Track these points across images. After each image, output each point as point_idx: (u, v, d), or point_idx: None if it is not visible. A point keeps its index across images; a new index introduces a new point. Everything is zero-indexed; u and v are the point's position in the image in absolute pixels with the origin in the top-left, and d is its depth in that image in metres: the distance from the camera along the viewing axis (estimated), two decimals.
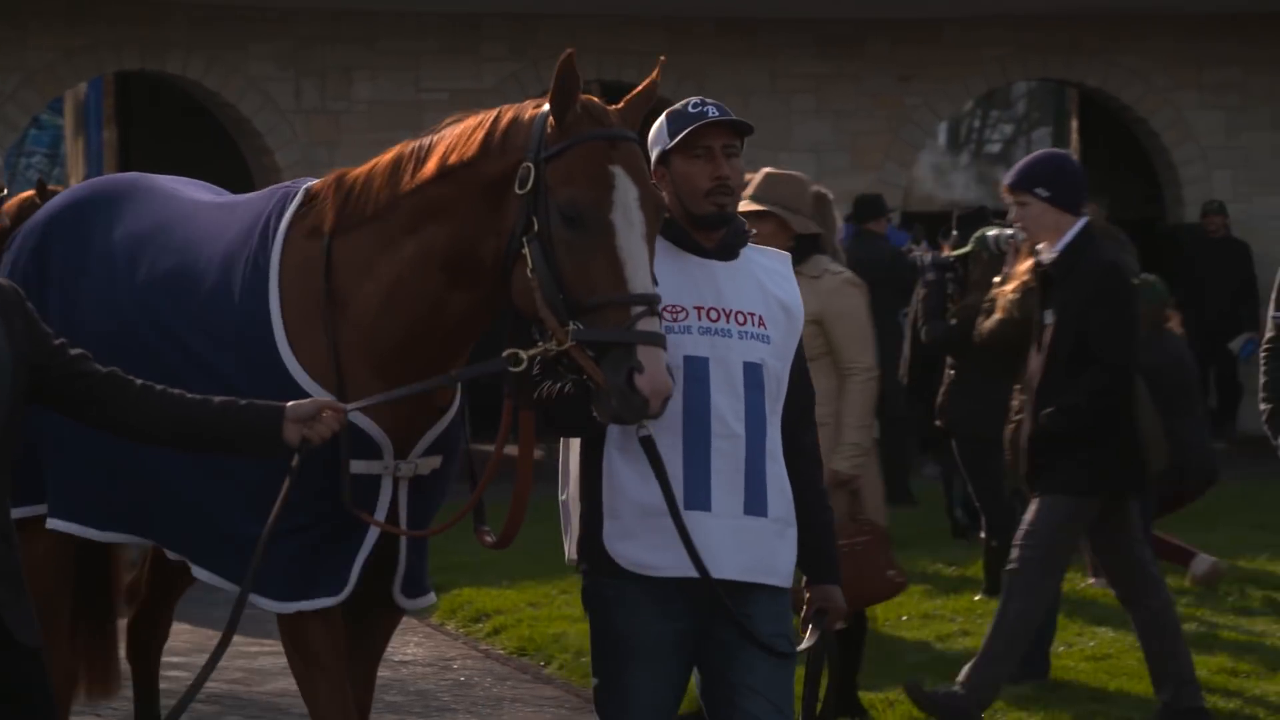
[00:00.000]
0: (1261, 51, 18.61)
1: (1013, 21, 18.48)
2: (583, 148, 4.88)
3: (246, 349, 5.25)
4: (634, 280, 4.79)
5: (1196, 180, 18.68)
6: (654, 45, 17.94)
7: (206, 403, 4.66)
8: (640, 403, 4.72)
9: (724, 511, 5.02)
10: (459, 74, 17.98)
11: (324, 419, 4.71)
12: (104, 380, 4.62)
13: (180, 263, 5.50)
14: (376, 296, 5.19)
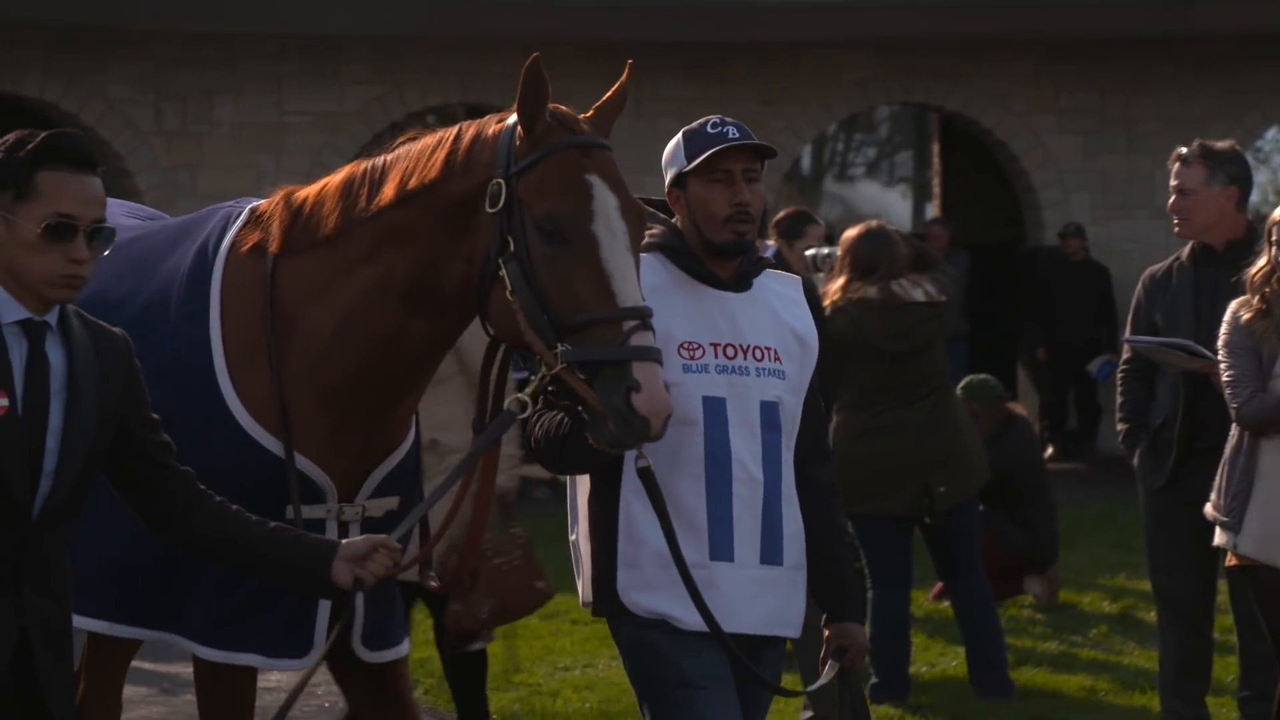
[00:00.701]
0: (1117, 76, 18.86)
1: (874, 46, 18.62)
2: (556, 158, 4.58)
3: (183, 377, 4.85)
4: (622, 293, 4.48)
5: (1055, 203, 18.89)
6: (517, 67, 17.88)
7: (260, 526, 4.36)
8: (640, 424, 4.38)
9: (745, 561, 4.78)
10: (321, 97, 17.89)
11: (376, 558, 4.35)
12: (178, 478, 4.32)
13: (109, 289, 5.07)
14: (328, 325, 4.82)
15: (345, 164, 17.28)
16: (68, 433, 4.08)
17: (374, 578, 4.36)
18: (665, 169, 4.90)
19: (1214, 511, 7.06)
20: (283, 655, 4.93)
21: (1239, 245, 7.59)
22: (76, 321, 4.19)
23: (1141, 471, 8.03)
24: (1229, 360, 6.99)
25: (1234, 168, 7.91)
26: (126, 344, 4.28)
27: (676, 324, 4.74)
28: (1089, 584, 11.87)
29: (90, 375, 4.13)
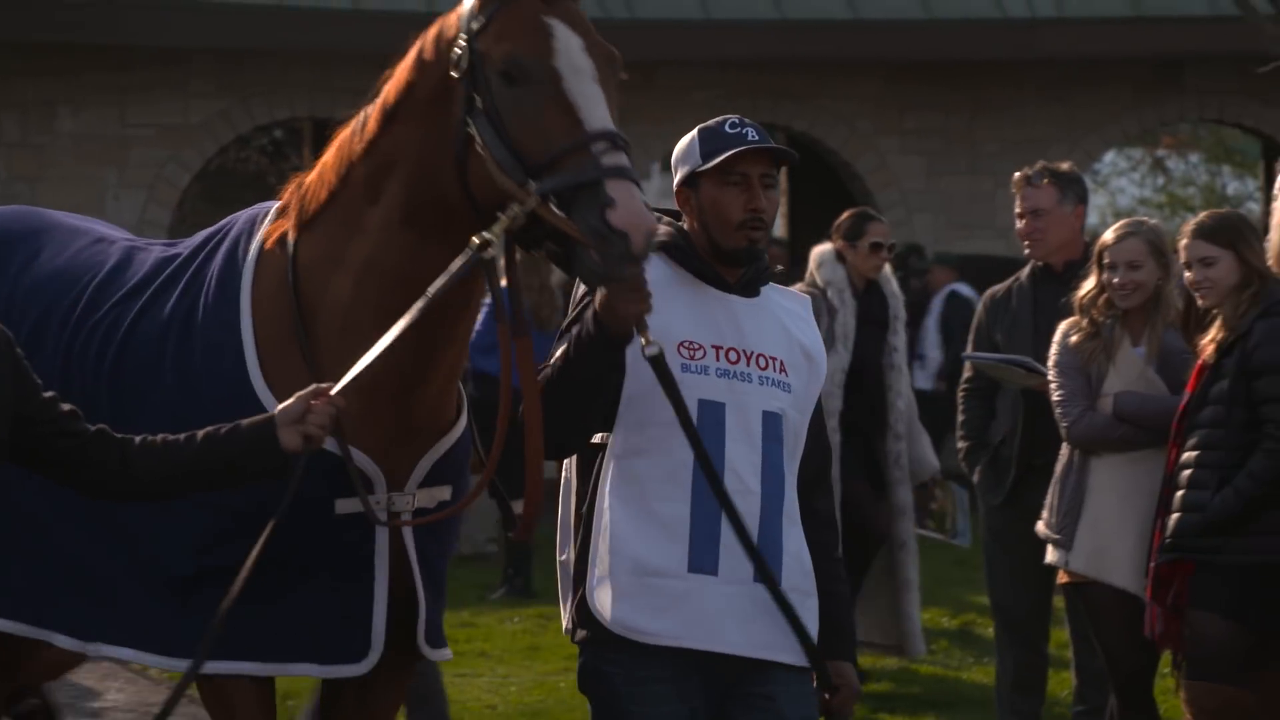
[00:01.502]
0: (960, 98, 19.06)
1: (722, 65, 18.71)
2: (513, 6, 4.40)
3: (216, 386, 4.64)
4: (590, 120, 4.27)
5: (899, 224, 19.05)
6: (365, 82, 17.78)
7: (190, 441, 4.22)
8: (619, 241, 4.14)
9: (732, 577, 4.47)
10: (166, 109, 17.70)
11: (315, 409, 4.18)
12: (94, 440, 4.21)
13: (124, 307, 4.86)
14: (346, 287, 4.59)
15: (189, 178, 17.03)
16: None
17: (322, 429, 4.20)
18: (676, 167, 4.68)
19: (1046, 529, 7.15)
20: (338, 661, 4.66)
21: (1076, 265, 7.70)
22: None
23: (981, 489, 8.12)
24: (1059, 380, 7.08)
25: (1080, 188, 8.05)
26: (5, 338, 4.18)
27: (676, 322, 4.51)
28: (929, 599, 11.97)
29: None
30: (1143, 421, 6.91)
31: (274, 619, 4.61)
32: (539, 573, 12.75)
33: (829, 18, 18.24)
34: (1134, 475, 6.91)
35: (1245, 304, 6.49)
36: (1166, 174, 30.24)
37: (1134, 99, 19.37)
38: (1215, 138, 27.98)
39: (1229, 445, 6.42)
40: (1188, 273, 6.63)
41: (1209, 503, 6.39)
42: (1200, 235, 6.60)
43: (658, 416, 4.48)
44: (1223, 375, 6.46)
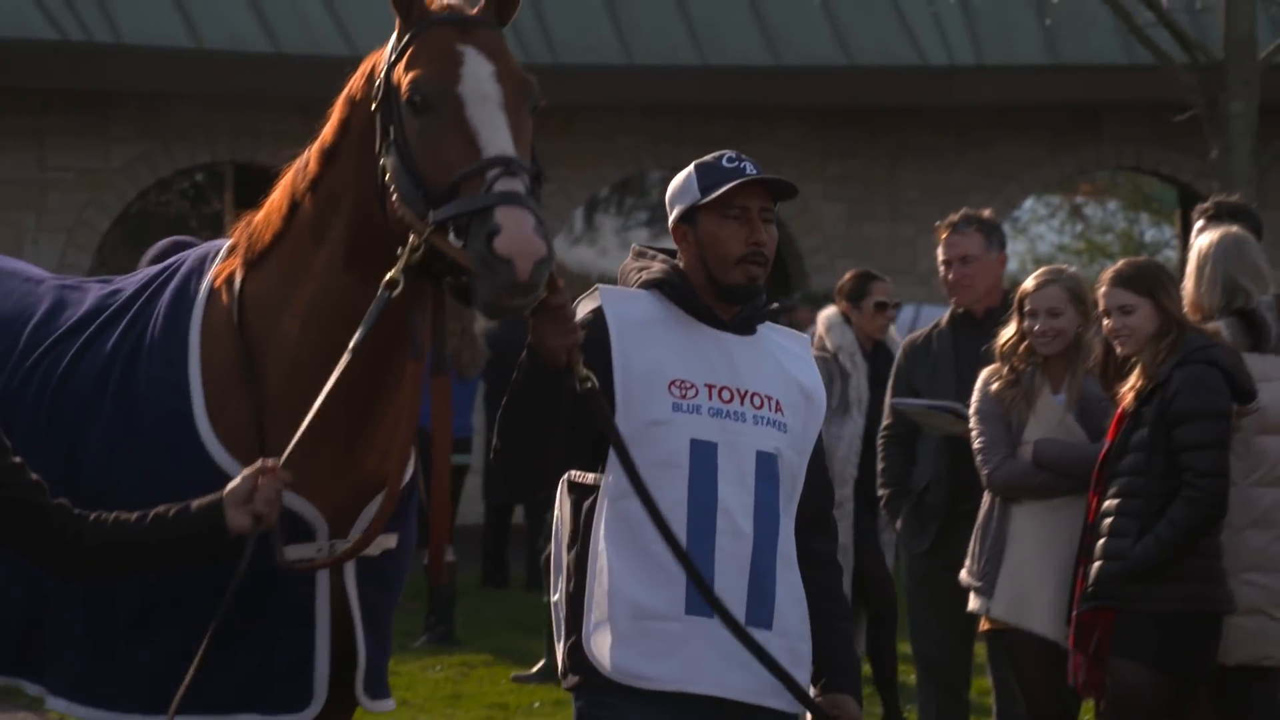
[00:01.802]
0: (882, 145, 19.17)
1: (645, 110, 18.76)
2: (427, 34, 4.33)
3: (161, 427, 4.57)
4: (488, 146, 4.19)
5: (821, 269, 19.13)
6: (288, 126, 17.78)
7: (140, 522, 4.17)
8: (504, 268, 4.05)
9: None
10: (86, 153, 17.61)
11: (262, 486, 4.14)
12: (54, 513, 4.16)
13: (64, 346, 4.78)
14: (293, 329, 4.54)
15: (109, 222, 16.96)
16: None
17: (269, 506, 4.15)
18: (672, 203, 4.60)
19: (968, 577, 7.16)
20: (281, 710, 4.58)
21: (997, 312, 7.73)
22: None
23: (905, 536, 8.12)
24: (980, 427, 7.11)
25: (1001, 235, 8.10)
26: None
27: (668, 360, 4.44)
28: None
29: None
30: (1062, 469, 6.93)
31: (216, 669, 4.54)
32: (462, 620, 12.69)
33: (751, 64, 18.33)
34: (1054, 522, 6.93)
35: (1164, 352, 6.52)
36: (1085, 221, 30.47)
37: (1052, 146, 19.53)
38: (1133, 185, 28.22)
39: (1149, 493, 6.45)
40: (1106, 320, 6.66)
41: (1131, 551, 6.42)
42: (1119, 283, 6.63)
43: (649, 457, 4.42)
44: (1142, 423, 6.50)
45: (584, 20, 18.15)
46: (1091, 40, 18.29)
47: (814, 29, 18.38)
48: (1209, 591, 6.49)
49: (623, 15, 18.39)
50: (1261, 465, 6.71)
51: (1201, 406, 6.43)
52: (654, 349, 4.46)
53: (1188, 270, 6.92)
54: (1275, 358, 6.79)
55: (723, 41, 18.37)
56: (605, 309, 4.55)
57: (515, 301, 4.13)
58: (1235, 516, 6.55)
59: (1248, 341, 6.77)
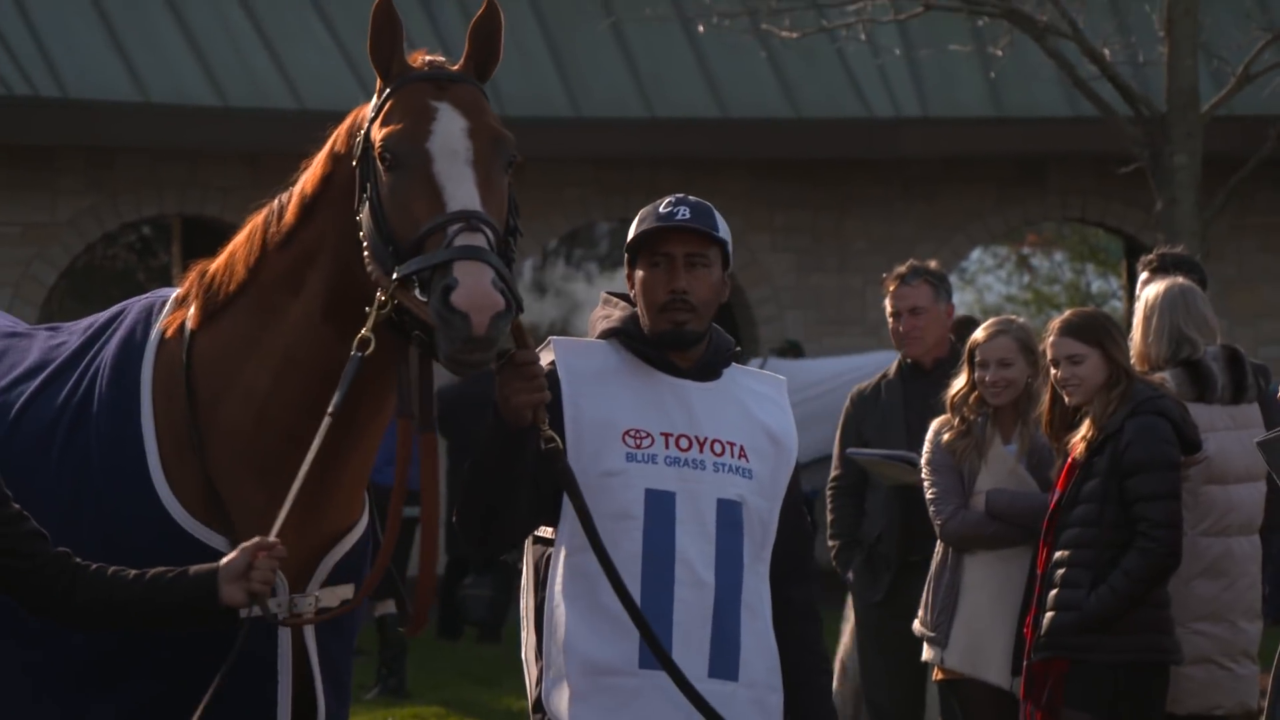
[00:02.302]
0: (829, 196, 19.24)
1: (594, 161, 18.80)
2: (404, 90, 4.33)
3: (112, 478, 4.51)
4: (452, 200, 4.18)
5: (770, 320, 19.17)
6: (236, 179, 17.78)
7: (136, 581, 4.13)
8: (460, 321, 4.02)
9: (686, 673, 4.28)
10: (32, 207, 17.54)
11: (259, 564, 4.10)
12: (54, 562, 4.14)
13: (9, 394, 4.70)
14: (263, 379, 4.47)
15: (56, 276, 16.85)
16: None
17: (265, 584, 4.12)
18: (626, 250, 4.58)
19: (921, 627, 7.17)
20: None
21: (945, 363, 7.77)
22: None
23: (858, 587, 8.13)
24: (932, 478, 7.13)
25: (948, 286, 8.14)
26: None
27: (622, 410, 4.39)
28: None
29: None
30: (1014, 519, 6.96)
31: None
32: (412, 672, 12.64)
33: (698, 115, 18.39)
34: (1007, 572, 6.95)
35: (1114, 402, 6.55)
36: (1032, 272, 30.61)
37: (998, 197, 19.63)
38: (1079, 236, 28.37)
39: (1102, 543, 6.47)
40: (1054, 370, 6.69)
41: (1084, 601, 6.43)
42: (1067, 333, 6.66)
43: (604, 508, 4.38)
44: (1094, 474, 6.51)
45: (531, 73, 18.19)
46: (1036, 92, 18.41)
47: (760, 81, 18.46)
48: (1160, 641, 6.51)
49: (570, 68, 18.44)
50: (1210, 515, 6.74)
51: (1154, 457, 6.45)
52: (608, 399, 4.43)
53: (1135, 321, 6.96)
54: (1222, 408, 6.84)
55: (669, 94, 18.43)
56: (557, 361, 4.52)
57: (474, 356, 4.10)
58: (1184, 566, 6.57)
59: (1194, 392, 6.81)
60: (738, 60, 18.13)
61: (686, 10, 17.55)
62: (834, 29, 14.72)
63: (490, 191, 4.27)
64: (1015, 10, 13.13)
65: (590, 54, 18.45)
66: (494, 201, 4.27)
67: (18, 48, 16.95)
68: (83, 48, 17.19)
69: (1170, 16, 12.70)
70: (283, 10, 17.89)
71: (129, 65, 17.24)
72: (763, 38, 16.51)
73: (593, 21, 18.06)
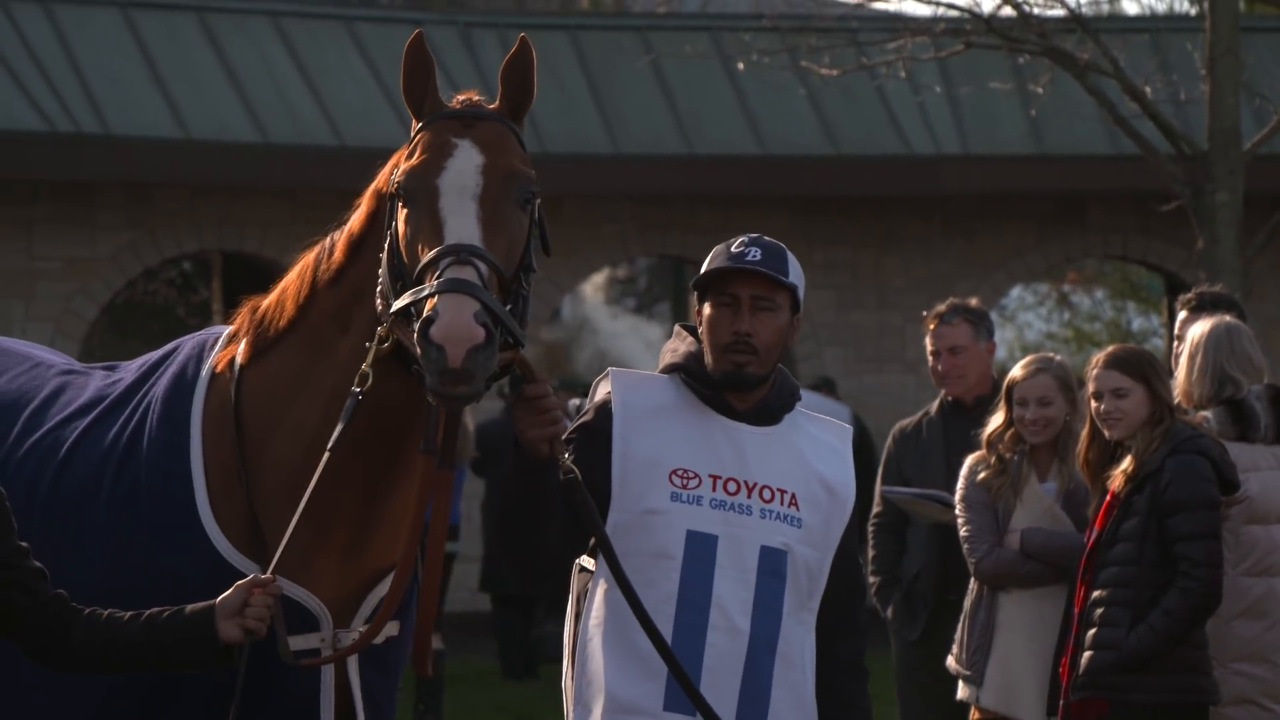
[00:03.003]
0: (868, 233, 19.22)
1: (632, 198, 18.82)
2: (431, 127, 4.37)
3: (162, 513, 4.52)
4: (450, 235, 4.20)
5: (809, 357, 19.14)
6: (276, 215, 17.83)
7: (132, 622, 4.13)
8: (435, 353, 4.01)
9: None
10: (73, 242, 17.62)
11: (255, 601, 4.10)
12: (50, 603, 4.13)
13: (60, 433, 4.74)
14: (313, 416, 4.47)
15: (97, 311, 16.90)
16: None
17: (260, 621, 4.11)
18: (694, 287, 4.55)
19: (956, 665, 7.13)
20: None
21: (986, 400, 7.73)
22: None
23: (896, 624, 8.09)
24: (966, 515, 7.09)
25: (989, 323, 8.11)
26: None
27: (671, 449, 4.34)
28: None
29: None
30: (1049, 558, 6.91)
31: None
32: (449, 708, 12.61)
33: (737, 152, 18.40)
34: (1041, 611, 6.91)
35: (1157, 440, 6.49)
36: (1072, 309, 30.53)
37: (1038, 235, 19.59)
38: (1120, 274, 28.30)
39: (1141, 583, 6.41)
40: (1095, 403, 6.62)
41: (1124, 640, 6.38)
42: (1113, 365, 6.59)
43: (643, 546, 4.35)
44: (1133, 512, 6.46)
45: (570, 110, 18.23)
46: (1077, 130, 18.37)
47: (799, 119, 18.47)
48: (1199, 682, 6.45)
49: (609, 105, 18.47)
50: (1251, 554, 6.69)
51: (1195, 496, 6.40)
52: (659, 437, 4.39)
53: (1180, 359, 6.91)
54: (1265, 448, 6.78)
55: (709, 131, 18.45)
56: (613, 394, 4.51)
57: (455, 390, 4.08)
58: (1225, 606, 6.52)
59: (1236, 431, 6.76)
60: (777, 97, 18.14)
61: (726, 48, 17.56)
62: (874, 66, 14.70)
63: (495, 227, 4.26)
64: (1056, 48, 13.10)
65: (630, 91, 18.48)
66: (499, 237, 4.28)
67: (61, 84, 17.05)
68: (125, 84, 17.28)
69: (1212, 55, 12.66)
70: (323, 47, 17.96)
71: (170, 102, 17.32)
72: (802, 75, 16.51)
73: (632, 59, 18.09)
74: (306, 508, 4.38)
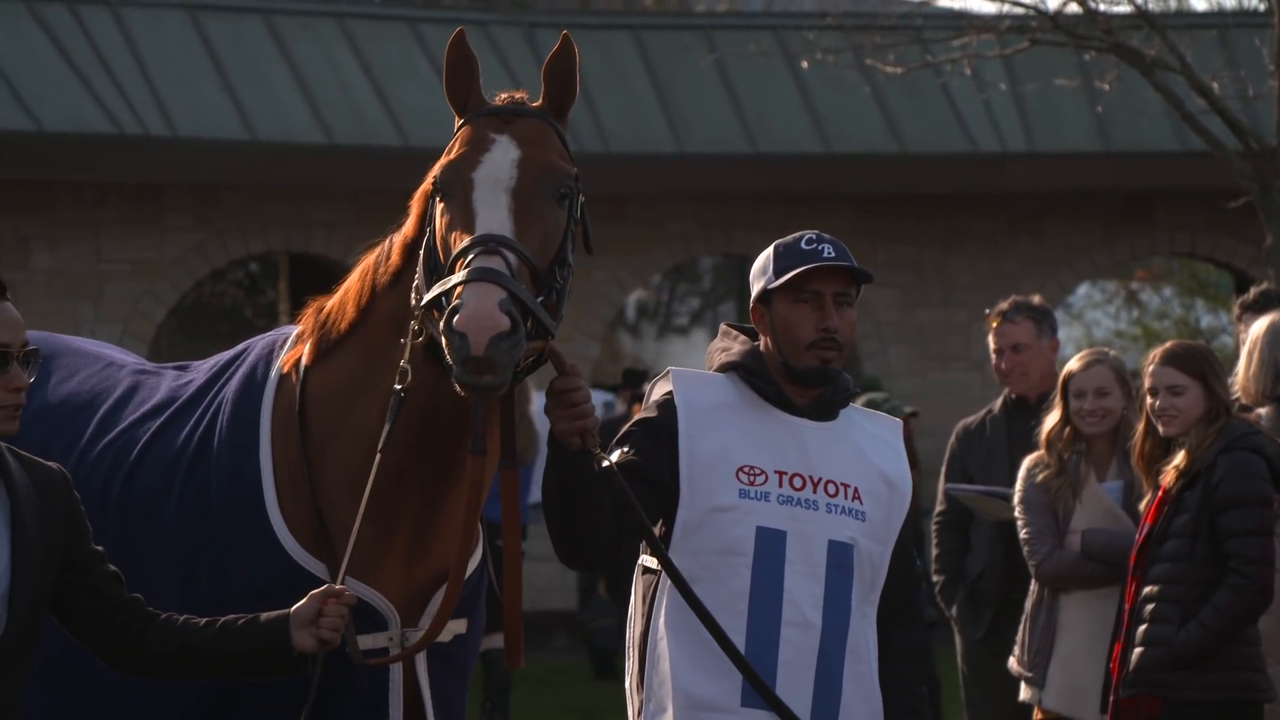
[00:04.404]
0: (932, 231, 19.16)
1: (695, 197, 18.81)
2: (472, 124, 4.39)
3: (232, 513, 4.57)
4: (480, 226, 4.21)
5: (873, 355, 19.10)
6: (341, 216, 17.90)
7: (208, 628, 4.15)
8: (459, 341, 4.02)
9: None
10: (141, 244, 17.73)
11: (328, 611, 4.11)
12: (128, 607, 4.16)
13: (133, 434, 4.81)
14: (374, 415, 4.47)
15: (165, 312, 16.98)
16: (16, 570, 3.98)
17: (334, 631, 4.13)
18: (752, 283, 4.57)
19: (1018, 667, 7.10)
20: None
21: (1049, 397, 7.71)
22: (10, 458, 4.08)
23: (960, 623, 8.06)
24: (1026, 517, 7.05)
25: (1053, 321, 8.08)
26: (64, 478, 4.16)
27: (738, 445, 4.37)
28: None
29: (32, 511, 4.03)
30: (1111, 559, 6.87)
31: None
32: (517, 707, 12.64)
33: (801, 151, 18.37)
34: (1103, 611, 6.87)
35: (1211, 437, 6.44)
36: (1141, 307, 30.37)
37: (1105, 233, 19.50)
38: (1188, 271, 28.14)
39: (1192, 579, 6.36)
40: (1151, 399, 6.58)
41: (1174, 637, 6.33)
42: (1170, 362, 6.55)
43: (712, 544, 4.37)
44: (1185, 509, 6.41)
45: (635, 109, 18.23)
46: (1143, 127, 18.28)
47: (864, 117, 18.43)
48: (1252, 679, 6.41)
49: (673, 104, 18.46)
50: None
51: (1247, 493, 6.36)
52: (723, 434, 4.41)
53: (1241, 356, 6.88)
54: None
55: (773, 129, 18.42)
56: (675, 393, 4.52)
57: (480, 379, 4.09)
58: (1277, 603, 6.47)
59: None
60: (841, 96, 18.10)
61: (790, 46, 17.53)
62: (939, 64, 14.66)
63: (528, 219, 4.27)
64: (1123, 45, 13.03)
65: (694, 90, 18.47)
66: (532, 229, 4.28)
67: (128, 87, 17.16)
68: (191, 87, 17.38)
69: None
70: (388, 49, 18.02)
71: (237, 104, 17.41)
72: (867, 73, 16.47)
73: (696, 58, 18.08)
74: (369, 508, 4.38)
